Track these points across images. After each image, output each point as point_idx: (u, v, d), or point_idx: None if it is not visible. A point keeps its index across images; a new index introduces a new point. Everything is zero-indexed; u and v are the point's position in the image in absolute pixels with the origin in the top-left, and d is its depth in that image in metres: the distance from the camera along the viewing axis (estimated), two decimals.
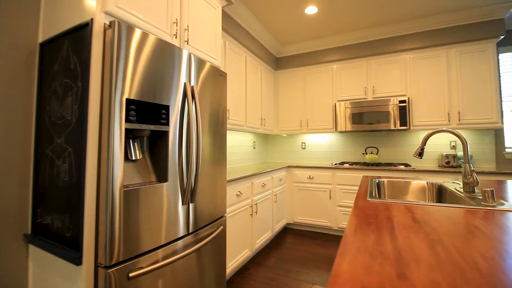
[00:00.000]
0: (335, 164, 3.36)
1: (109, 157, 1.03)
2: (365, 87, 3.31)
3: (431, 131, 1.45)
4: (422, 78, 3.05)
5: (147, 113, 1.18)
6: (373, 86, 3.26)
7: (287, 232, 3.36)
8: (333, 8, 2.79)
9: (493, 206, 1.04)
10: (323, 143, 3.84)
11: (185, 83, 1.38)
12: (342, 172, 3.15)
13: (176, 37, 1.47)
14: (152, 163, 1.32)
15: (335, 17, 2.99)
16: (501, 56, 3.00)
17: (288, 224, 3.55)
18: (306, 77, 3.68)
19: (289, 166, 3.45)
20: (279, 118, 3.87)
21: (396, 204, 1.08)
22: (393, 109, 3.07)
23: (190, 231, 1.46)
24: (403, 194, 1.78)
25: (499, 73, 2.98)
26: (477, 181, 1.26)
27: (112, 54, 1.03)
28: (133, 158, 1.21)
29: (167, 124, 1.29)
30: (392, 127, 3.07)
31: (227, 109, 2.59)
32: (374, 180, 1.85)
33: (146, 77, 1.17)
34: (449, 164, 2.98)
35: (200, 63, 1.54)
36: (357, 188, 3.07)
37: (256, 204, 2.55)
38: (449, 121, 2.92)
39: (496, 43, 2.77)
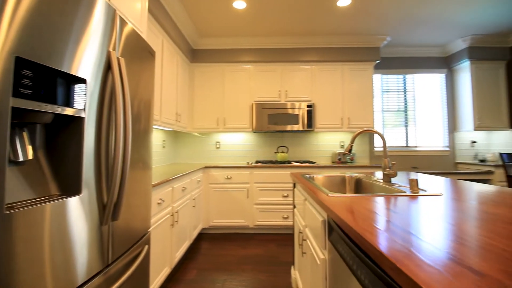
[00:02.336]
0: (251, 163, 3.40)
1: None
2: (279, 90, 3.52)
3: (359, 131, 1.64)
4: (324, 87, 3.54)
5: (52, 87, 0.74)
6: (286, 90, 3.52)
7: (203, 238, 3.12)
8: (261, 7, 2.79)
9: (417, 193, 1.25)
10: (238, 142, 3.82)
11: (109, 52, 0.98)
12: (259, 171, 3.21)
13: None
14: (51, 167, 0.85)
15: (261, 18, 3.01)
16: (374, 76, 3.89)
17: (203, 229, 3.30)
18: (225, 74, 3.56)
19: (206, 167, 3.22)
20: (193, 115, 3.56)
21: (357, 198, 1.13)
22: (301, 112, 3.40)
23: (110, 262, 1.05)
24: (332, 187, 1.95)
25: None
26: (396, 172, 1.51)
27: None
28: (21, 159, 0.73)
29: (83, 107, 0.86)
30: (301, 129, 3.39)
31: None
32: (305, 175, 1.94)
33: (52, 28, 0.73)
34: (341, 160, 3.57)
35: (127, 30, 1.14)
36: (273, 185, 3.20)
37: (177, 212, 2.20)
38: (342, 125, 3.51)
39: (374, 66, 3.59)
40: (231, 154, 3.81)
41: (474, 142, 3.90)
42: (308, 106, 3.40)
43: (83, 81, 0.86)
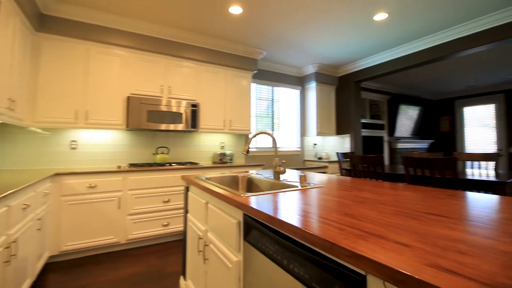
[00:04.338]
0: (124, 166, 2.89)
1: None
2: (161, 86, 3.19)
3: (257, 132, 1.75)
4: (208, 88, 3.54)
5: None
6: (169, 86, 3.24)
7: (53, 269, 2.34)
8: None
9: (306, 186, 1.49)
10: (104, 142, 3.13)
11: None
12: (135, 175, 2.78)
13: None
14: None
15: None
16: (251, 84, 4.30)
17: (51, 257, 2.47)
18: (90, 55, 2.80)
19: (57, 174, 2.42)
20: (37, 103, 2.58)
21: (268, 195, 1.19)
22: (185, 111, 3.25)
23: None
24: (227, 186, 1.96)
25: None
26: (285, 170, 1.73)
27: None
28: None
29: None
30: (185, 128, 3.24)
31: None
32: (200, 177, 1.86)
33: None
34: (222, 160, 3.70)
35: None
36: (151, 190, 2.86)
37: (15, 242, 1.53)
38: (224, 126, 3.64)
39: (252, 75, 3.97)
40: (93, 156, 3.07)
41: (315, 144, 5.13)
42: (193, 105, 3.29)
43: None
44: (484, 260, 0.50)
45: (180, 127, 3.20)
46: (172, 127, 3.15)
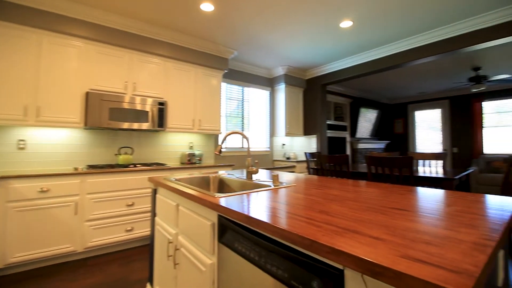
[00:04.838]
0: (82, 168, 2.66)
1: None
2: (125, 82, 2.99)
3: (230, 132, 1.74)
4: (177, 86, 3.41)
5: None
6: (134, 83, 3.05)
7: None
8: None
9: (279, 185, 1.51)
10: (58, 141, 2.85)
11: None
12: (95, 178, 2.58)
13: None
14: None
15: None
16: (222, 84, 4.24)
17: None
18: (43, 45, 2.52)
19: (1, 177, 2.14)
20: None
21: (241, 196, 1.19)
22: (152, 109, 3.09)
23: None
24: (197, 187, 1.90)
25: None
26: (258, 170, 1.73)
27: None
28: None
29: None
30: (151, 128, 3.08)
31: None
32: (170, 178, 1.79)
33: None
34: (191, 161, 3.60)
35: None
36: (114, 193, 2.68)
37: None
38: (193, 126, 3.55)
39: (223, 74, 3.92)
40: (46, 157, 2.78)
41: (284, 144, 5.25)
42: (160, 103, 3.15)
43: None
44: (447, 249, 0.55)
45: (145, 126, 3.04)
46: (136, 126, 2.98)
